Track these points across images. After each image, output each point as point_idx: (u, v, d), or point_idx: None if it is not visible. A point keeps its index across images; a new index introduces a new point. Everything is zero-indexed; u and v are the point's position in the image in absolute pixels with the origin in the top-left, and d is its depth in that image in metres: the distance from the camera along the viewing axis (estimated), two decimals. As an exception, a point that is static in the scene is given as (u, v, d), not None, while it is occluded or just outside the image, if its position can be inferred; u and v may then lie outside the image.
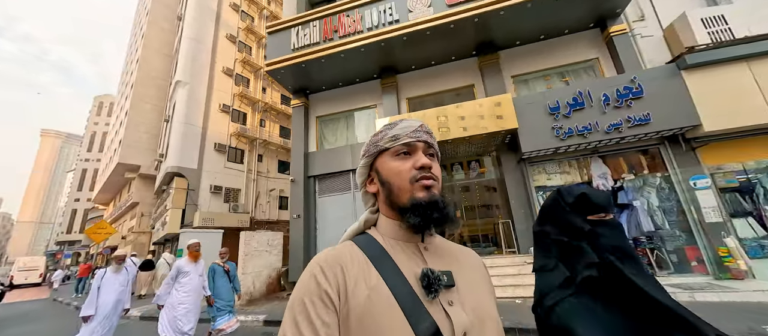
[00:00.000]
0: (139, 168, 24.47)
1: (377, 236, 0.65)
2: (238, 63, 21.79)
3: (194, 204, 16.32)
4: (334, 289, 0.54)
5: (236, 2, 22.97)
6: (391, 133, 0.67)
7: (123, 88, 34.43)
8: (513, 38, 7.65)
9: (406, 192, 0.61)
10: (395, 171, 0.64)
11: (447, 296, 0.56)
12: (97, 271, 3.87)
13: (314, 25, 8.04)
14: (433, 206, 0.59)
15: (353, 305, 0.52)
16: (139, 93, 26.33)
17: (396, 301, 0.53)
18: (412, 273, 0.57)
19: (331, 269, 0.56)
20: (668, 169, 5.82)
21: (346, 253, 0.60)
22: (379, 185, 0.67)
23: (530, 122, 6.25)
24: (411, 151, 0.65)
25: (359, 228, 0.70)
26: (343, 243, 0.65)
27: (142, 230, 22.84)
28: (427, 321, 0.51)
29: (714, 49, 5.43)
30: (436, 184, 0.62)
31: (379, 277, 0.56)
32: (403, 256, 0.61)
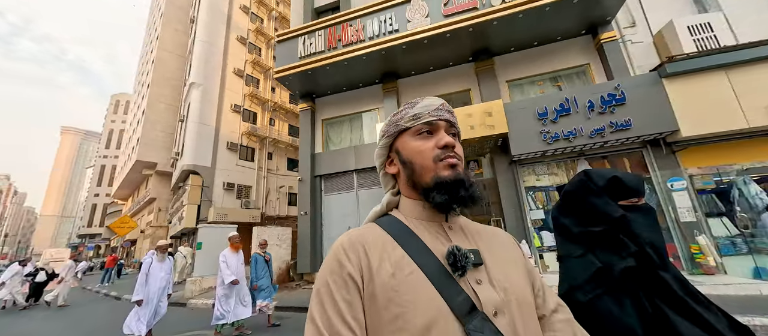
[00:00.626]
0: (156, 165, 25.65)
1: (400, 217, 0.64)
2: (248, 64, 22.56)
3: (208, 200, 17.22)
4: (356, 270, 0.53)
5: (246, 4, 23.68)
6: (412, 111, 0.65)
7: (139, 87, 35.76)
8: (507, 45, 8.03)
9: (429, 171, 0.60)
10: (417, 150, 0.62)
11: (475, 275, 0.55)
12: (144, 260, 4.52)
13: (319, 34, 8.58)
14: (460, 184, 0.58)
15: (378, 284, 0.52)
16: (155, 93, 27.44)
17: (426, 276, 0.52)
18: (439, 251, 0.56)
19: (354, 250, 0.56)
20: (649, 171, 6.17)
21: (368, 233, 0.60)
22: (399, 166, 0.66)
23: (520, 127, 6.68)
24: (433, 130, 0.63)
25: (382, 210, 0.68)
26: (366, 225, 0.65)
27: (160, 224, 24.06)
28: (461, 295, 0.51)
29: (694, 59, 5.74)
30: (460, 164, 0.61)
31: (405, 254, 0.55)
32: (427, 234, 0.60)
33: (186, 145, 18.24)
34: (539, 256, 6.49)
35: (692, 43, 6.51)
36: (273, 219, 20.89)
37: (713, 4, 7.16)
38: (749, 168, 5.58)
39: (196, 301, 7.54)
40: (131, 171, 27.64)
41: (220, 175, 18.62)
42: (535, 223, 6.74)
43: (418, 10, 7.68)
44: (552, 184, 6.88)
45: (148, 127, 25.91)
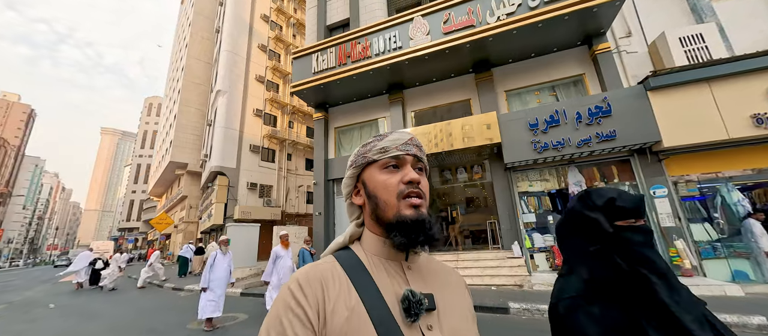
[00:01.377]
0: (187, 165, 27.73)
1: (360, 252, 0.64)
2: (268, 70, 23.91)
3: (234, 199, 18.70)
4: (313, 309, 0.53)
5: (266, 13, 25.00)
6: (380, 145, 0.65)
7: (170, 92, 38.36)
8: (505, 57, 8.51)
9: (392, 208, 0.60)
10: (382, 184, 0.62)
11: (427, 320, 0.56)
12: (211, 252, 5.48)
13: (331, 51, 9.42)
14: (419, 226, 0.58)
15: (331, 328, 0.51)
16: (186, 98, 29.53)
17: (374, 327, 0.52)
18: (393, 294, 0.57)
19: (311, 287, 0.55)
20: (636, 178, 6.55)
21: (327, 270, 0.59)
22: (365, 198, 0.66)
23: (512, 137, 7.22)
24: (400, 165, 0.63)
25: (344, 242, 0.68)
26: (325, 258, 0.65)
27: (191, 220, 26.12)
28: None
29: (677, 73, 6.05)
30: (423, 203, 0.61)
31: (358, 298, 0.55)
32: (385, 275, 0.60)
33: (214, 148, 19.82)
34: (530, 256, 7.04)
35: (683, 54, 6.76)
36: (292, 216, 22.25)
37: (709, 13, 7.32)
38: (733, 176, 5.87)
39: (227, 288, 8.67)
40: (165, 171, 30.00)
41: (244, 176, 20.09)
42: (527, 225, 7.28)
43: (420, 29, 8.32)
44: (544, 190, 7.38)
45: (180, 131, 28.02)
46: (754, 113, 5.48)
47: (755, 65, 5.59)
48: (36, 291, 12.42)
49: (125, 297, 9.43)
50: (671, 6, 7.78)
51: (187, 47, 31.18)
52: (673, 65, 6.74)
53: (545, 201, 7.31)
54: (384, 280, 0.59)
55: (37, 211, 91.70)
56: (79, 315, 7.04)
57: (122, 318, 6.52)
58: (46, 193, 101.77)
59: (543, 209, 7.30)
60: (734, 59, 5.76)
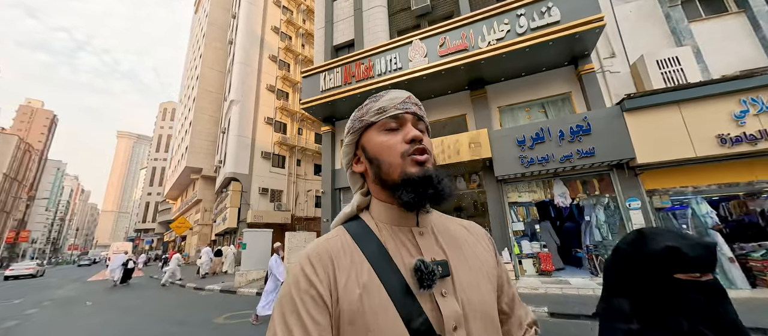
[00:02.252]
0: (202, 170, 29.05)
1: (370, 221, 0.62)
2: (279, 79, 25.00)
3: (247, 204, 19.75)
4: (325, 287, 0.52)
5: (276, 25, 26.13)
6: (377, 105, 0.63)
7: (185, 99, 39.98)
8: (498, 76, 9.17)
9: (396, 168, 0.58)
10: (384, 146, 0.60)
11: (440, 287, 0.54)
12: (273, 256, 6.31)
13: (337, 71, 10.25)
14: (427, 181, 0.56)
15: (345, 306, 0.51)
16: (200, 106, 30.92)
17: (389, 297, 0.51)
18: (405, 263, 0.55)
19: (322, 264, 0.54)
20: (614, 191, 7.14)
21: (337, 244, 0.58)
22: (366, 163, 0.64)
23: (502, 152, 7.88)
24: (400, 124, 0.61)
25: (352, 212, 0.66)
26: (334, 230, 0.63)
27: (206, 223, 27.38)
28: (420, 317, 0.50)
29: (649, 96, 6.64)
30: (429, 158, 0.59)
31: (371, 271, 0.54)
32: (396, 243, 0.59)
33: (227, 154, 20.94)
34: (518, 261, 7.68)
35: (660, 76, 7.32)
36: (302, 220, 23.20)
37: (687, 36, 7.86)
38: (702, 190, 6.42)
39: (244, 289, 9.56)
40: (181, 175, 31.42)
41: (256, 181, 21.14)
42: (515, 233, 7.92)
43: (418, 51, 9.07)
44: (532, 200, 8.01)
45: (195, 137, 29.39)
46: (718, 133, 6.03)
47: (721, 90, 6.13)
48: (69, 289, 13.60)
49: (151, 294, 10.43)
50: (653, 29, 8.33)
51: (202, 57, 32.62)
52: (652, 86, 7.32)
53: (533, 211, 7.94)
54: (395, 249, 0.58)
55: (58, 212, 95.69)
56: (116, 309, 8.01)
57: (153, 312, 7.44)
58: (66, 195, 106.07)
59: (531, 218, 7.94)
60: (701, 84, 6.32)
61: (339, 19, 11.91)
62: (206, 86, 31.38)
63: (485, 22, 8.41)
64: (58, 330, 6.23)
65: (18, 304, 9.82)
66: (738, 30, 7.67)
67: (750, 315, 4.26)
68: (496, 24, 8.28)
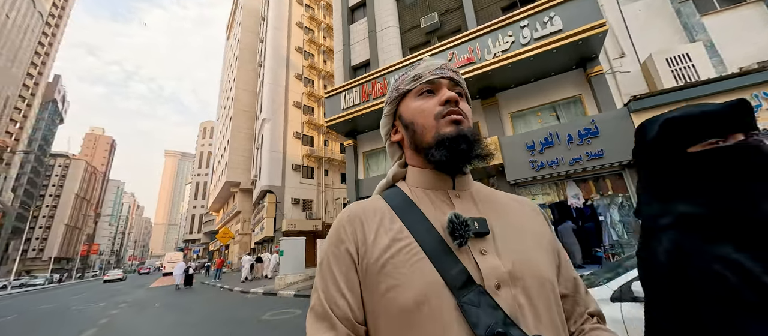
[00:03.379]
0: (240, 184, 31.56)
1: (404, 188, 0.63)
2: (304, 96, 26.70)
3: (281, 214, 21.34)
4: (353, 245, 0.54)
5: (300, 45, 27.95)
6: (413, 73, 0.64)
7: (222, 118, 43.50)
8: (507, 83, 9.55)
9: (431, 129, 0.58)
10: (418, 110, 0.60)
11: (479, 245, 0.53)
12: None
13: (355, 90, 11.18)
14: (461, 139, 0.56)
15: (372, 258, 0.52)
16: (236, 125, 33.64)
17: (421, 248, 0.51)
18: (440, 221, 0.54)
19: (352, 224, 0.57)
20: (628, 190, 7.27)
21: (369, 206, 0.60)
22: (403, 131, 0.64)
23: (513, 157, 8.29)
24: (435, 89, 0.61)
25: (388, 182, 0.68)
26: (371, 197, 0.65)
27: (246, 232, 29.68)
28: (457, 267, 0.48)
29: (657, 96, 6.76)
30: (464, 120, 0.59)
31: (402, 226, 0.54)
32: (430, 204, 0.58)
33: (262, 169, 22.78)
34: (534, 261, 8.01)
35: (670, 74, 7.36)
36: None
37: (699, 30, 7.79)
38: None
39: (283, 291, 10.70)
40: (222, 189, 34.30)
41: (289, 192, 22.75)
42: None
43: (429, 67, 9.74)
44: (545, 202, 8.30)
45: (233, 154, 32.05)
46: (730, 130, 6.06)
47: (731, 86, 6.16)
48: (137, 295, 15.73)
49: (204, 297, 11.94)
50: (663, 25, 8.32)
51: (235, 79, 35.52)
52: (662, 84, 7.38)
53: (548, 213, 8.22)
54: (429, 209, 0.57)
55: (119, 226, 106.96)
56: (180, 310, 9.43)
57: (210, 312, 8.71)
58: (125, 211, 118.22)
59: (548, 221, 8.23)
60: (709, 81, 6.37)
61: (355, 42, 12.91)
62: (241, 106, 34.12)
63: (490, 35, 8.89)
64: (139, 327, 7.62)
65: (102, 306, 11.75)
66: (757, 19, 7.49)
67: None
68: (501, 36, 8.73)
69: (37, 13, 54.67)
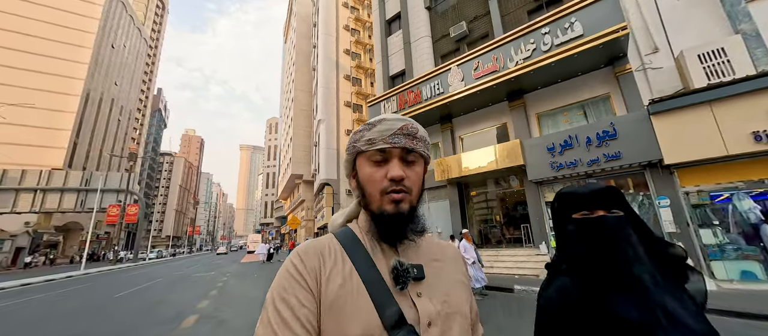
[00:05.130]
0: (303, 176, 35.87)
1: (357, 230, 0.67)
2: (353, 95, 28.98)
3: (338, 203, 24.28)
4: (312, 276, 0.57)
5: (347, 48, 30.10)
6: (368, 135, 0.65)
7: (285, 117, 48.80)
8: (534, 85, 10.03)
9: (375, 201, 0.62)
10: (368, 178, 0.64)
11: (416, 288, 0.59)
12: (462, 241, 9.09)
13: (393, 99, 12.68)
14: (398, 219, 0.60)
15: (327, 294, 0.56)
16: (297, 123, 37.84)
17: (365, 289, 0.56)
18: (385, 265, 0.60)
19: (309, 258, 0.60)
20: (648, 189, 7.55)
21: (325, 244, 0.64)
22: (356, 184, 0.68)
23: (534, 159, 9.00)
24: (388, 158, 0.63)
25: (343, 221, 0.73)
26: (325, 236, 0.69)
27: (309, 219, 33.99)
28: (392, 307, 0.54)
29: (678, 98, 6.88)
30: (405, 197, 0.61)
31: (352, 267, 0.59)
32: (378, 249, 0.64)
33: (320, 164, 25.94)
34: (555, 253, 8.78)
35: (702, 71, 7.24)
36: (382, 214, 26.82)
37: (744, 19, 7.35)
38: (740, 185, 6.46)
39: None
40: (288, 181, 39.29)
41: (343, 184, 25.56)
42: (552, 228, 8.98)
43: (456, 77, 10.72)
44: (567, 199, 8.88)
45: (296, 150, 36.39)
46: (754, 130, 6.08)
47: (756, 86, 6.10)
48: (235, 267, 20.11)
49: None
50: (705, 15, 7.94)
51: (294, 82, 39.60)
52: (692, 83, 7.32)
53: (568, 209, 8.83)
54: (378, 254, 0.63)
55: (210, 211, 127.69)
56: (271, 279, 12.45)
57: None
58: (214, 198, 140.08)
59: (567, 215, 8.85)
60: (733, 82, 6.33)
61: (392, 53, 14.26)
62: (300, 106, 38.18)
63: (512, 43, 9.49)
64: (246, 289, 10.59)
65: (213, 274, 15.78)
66: (818, 0, 6.82)
67: None
68: (523, 44, 9.28)
69: (142, 39, 67.17)
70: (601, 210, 0.74)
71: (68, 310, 7.55)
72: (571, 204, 0.76)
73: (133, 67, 62.24)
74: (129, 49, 59.91)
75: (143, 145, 71.20)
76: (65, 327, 5.80)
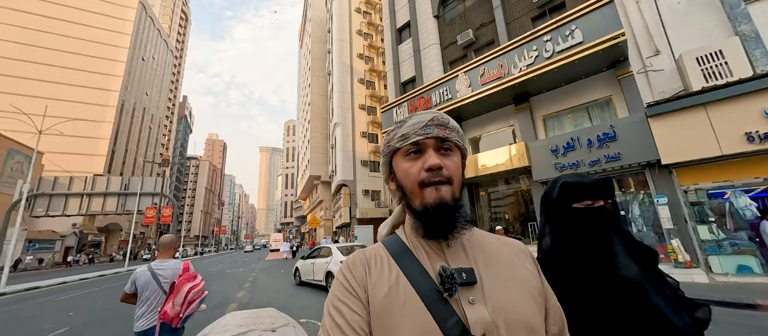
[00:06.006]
0: (320, 177, 37.21)
1: (402, 236, 0.67)
2: (367, 98, 29.86)
3: (355, 203, 25.29)
4: (360, 285, 0.59)
5: (361, 52, 30.99)
6: (401, 131, 0.66)
7: (302, 120, 50.44)
8: (539, 89, 10.47)
9: (416, 196, 0.61)
10: (405, 173, 0.63)
11: (468, 294, 0.56)
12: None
13: (404, 105, 13.41)
14: (442, 209, 0.58)
15: (375, 302, 0.56)
16: (314, 126, 39.19)
17: (419, 296, 0.54)
18: (432, 271, 0.58)
19: (356, 268, 0.62)
20: (649, 187, 7.90)
21: (372, 254, 0.65)
22: (396, 185, 0.67)
23: (539, 160, 9.48)
24: (422, 150, 0.63)
25: (389, 229, 0.73)
26: (373, 245, 0.69)
27: (328, 218, 35.29)
28: (453, 317, 0.52)
29: (674, 101, 7.22)
30: (445, 186, 0.60)
31: (400, 273, 0.58)
32: (424, 254, 0.62)
33: (337, 166, 27.03)
34: (560, 249, 9.25)
35: (700, 74, 7.52)
36: (397, 213, 27.62)
37: (744, 20, 7.54)
38: (736, 184, 6.75)
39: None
40: (307, 182, 40.80)
41: (360, 185, 26.55)
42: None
43: (463, 83, 11.31)
44: (571, 198, 9.31)
45: (313, 152, 37.78)
46: (746, 131, 6.38)
47: (749, 89, 6.39)
48: (261, 264, 21.54)
49: (306, 269, 16.25)
50: (704, 17, 8.15)
51: (310, 86, 40.97)
52: (691, 85, 7.62)
53: (573, 207, 9.26)
54: (424, 260, 0.61)
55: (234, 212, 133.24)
56: (292, 276, 13.55)
57: (311, 279, 12.50)
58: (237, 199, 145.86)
59: (571, 213, 9.29)
60: (727, 85, 6.63)
61: (403, 60, 14.96)
62: (316, 110, 39.54)
63: (516, 50, 9.98)
64: (275, 283, 11.70)
65: (243, 270, 17.16)
66: (818, 0, 6.95)
67: None
68: (526, 51, 9.76)
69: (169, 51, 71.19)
70: (600, 200, 0.82)
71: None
72: (574, 193, 0.82)
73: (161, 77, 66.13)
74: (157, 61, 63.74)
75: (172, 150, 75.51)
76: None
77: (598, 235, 0.79)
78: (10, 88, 37.54)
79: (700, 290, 5.84)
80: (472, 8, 12.86)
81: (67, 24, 44.29)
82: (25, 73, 39.48)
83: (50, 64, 41.29)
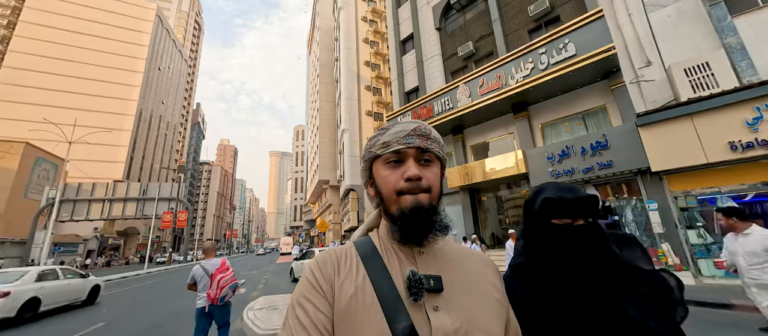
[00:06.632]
0: (329, 181, 38.02)
1: (375, 239, 0.68)
2: (374, 104, 30.58)
3: (363, 207, 25.91)
4: (327, 283, 0.59)
5: (368, 59, 31.80)
6: (383, 138, 0.66)
7: (311, 126, 51.53)
8: (536, 98, 10.90)
9: (393, 203, 0.62)
10: (384, 180, 0.64)
11: (433, 301, 0.57)
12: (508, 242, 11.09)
13: (408, 113, 13.98)
14: (418, 212, 0.59)
15: (340, 301, 0.57)
16: (323, 132, 40.12)
17: (377, 300, 0.55)
18: (401, 275, 0.59)
19: (325, 266, 0.62)
20: (641, 193, 8.24)
21: (343, 253, 0.65)
22: (374, 190, 0.68)
23: (535, 167, 9.91)
24: (402, 158, 0.63)
25: (364, 231, 0.74)
26: (345, 245, 0.70)
27: (337, 222, 36.01)
28: (404, 321, 0.53)
29: (662, 111, 7.59)
30: (423, 195, 0.61)
31: (365, 276, 0.59)
32: (395, 258, 0.63)
33: (345, 171, 27.74)
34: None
35: (688, 84, 7.87)
36: (404, 217, 28.10)
37: (730, 33, 7.87)
38: (724, 190, 7.06)
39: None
40: (316, 186, 41.69)
41: (367, 190, 27.19)
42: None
43: (464, 93, 11.83)
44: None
45: (322, 157, 38.65)
46: (730, 140, 6.72)
47: (732, 100, 6.74)
48: (272, 267, 22.32)
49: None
50: (693, 30, 8.49)
51: (319, 93, 41.99)
52: (680, 95, 7.97)
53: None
54: (394, 264, 0.61)
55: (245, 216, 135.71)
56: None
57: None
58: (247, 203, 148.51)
59: (568, 218, 9.66)
60: (712, 96, 6.98)
61: (407, 71, 15.57)
62: (325, 116, 40.50)
63: (513, 62, 10.46)
64: (285, 285, 12.37)
65: (256, 273, 17.92)
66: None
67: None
68: (522, 63, 10.24)
69: (183, 60, 73.80)
70: (581, 219, 0.77)
71: (167, 294, 9.93)
72: (554, 209, 0.77)
73: (176, 86, 68.55)
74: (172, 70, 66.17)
75: (185, 156, 77.91)
76: (174, 303, 7.99)
77: (573, 256, 0.75)
78: (41, 100, 39.83)
79: (686, 292, 6.18)
80: (472, 21, 13.39)
81: (90, 38, 46.71)
82: (55, 85, 41.82)
83: (77, 77, 43.60)
